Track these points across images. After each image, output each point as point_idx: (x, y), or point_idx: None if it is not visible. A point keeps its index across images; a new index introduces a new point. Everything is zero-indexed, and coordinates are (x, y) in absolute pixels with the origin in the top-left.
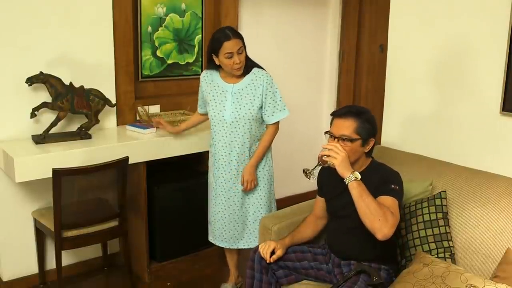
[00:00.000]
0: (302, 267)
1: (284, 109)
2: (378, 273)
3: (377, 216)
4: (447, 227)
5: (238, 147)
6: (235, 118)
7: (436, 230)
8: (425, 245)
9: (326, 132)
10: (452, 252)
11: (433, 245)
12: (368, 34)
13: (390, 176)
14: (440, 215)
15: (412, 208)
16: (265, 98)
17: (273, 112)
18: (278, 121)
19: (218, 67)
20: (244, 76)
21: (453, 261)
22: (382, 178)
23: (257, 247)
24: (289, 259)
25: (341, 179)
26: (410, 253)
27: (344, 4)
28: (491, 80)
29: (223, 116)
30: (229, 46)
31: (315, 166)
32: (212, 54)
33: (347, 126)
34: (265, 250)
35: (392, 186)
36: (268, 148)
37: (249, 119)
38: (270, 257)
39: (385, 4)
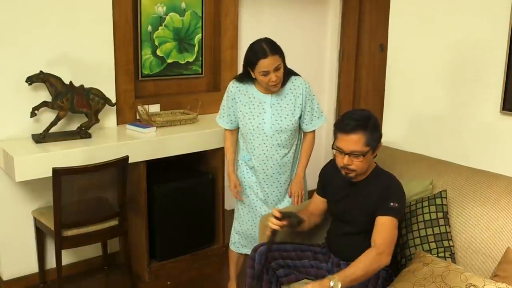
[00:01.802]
0: (302, 266)
1: (322, 116)
2: (295, 215)
3: (371, 269)
4: (447, 227)
5: (280, 158)
6: (276, 130)
7: (436, 229)
8: (425, 245)
9: (333, 147)
10: (452, 252)
11: (433, 245)
12: (368, 34)
13: (391, 191)
14: (440, 214)
15: (412, 208)
16: (305, 106)
17: (312, 120)
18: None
19: (252, 81)
20: (282, 86)
21: (453, 260)
22: (382, 192)
23: (258, 246)
24: (290, 257)
25: (346, 184)
26: (410, 252)
27: (344, 3)
28: (491, 79)
29: (263, 130)
30: (265, 64)
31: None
32: (249, 68)
33: (356, 141)
34: (273, 224)
35: (391, 204)
36: (310, 156)
37: (290, 130)
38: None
39: (385, 3)
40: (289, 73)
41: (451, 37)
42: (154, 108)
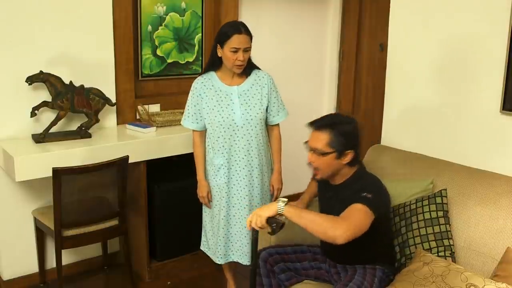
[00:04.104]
0: (302, 268)
1: (284, 108)
2: (276, 220)
3: (327, 224)
4: (447, 226)
5: (254, 151)
6: (247, 119)
7: (437, 228)
8: (425, 243)
9: (305, 142)
10: (453, 251)
11: (433, 244)
12: (368, 33)
13: (366, 186)
14: (440, 213)
15: (412, 207)
16: (270, 97)
17: (278, 111)
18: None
19: (214, 69)
20: (246, 77)
21: (453, 259)
22: (358, 188)
23: (261, 250)
24: (290, 260)
25: (327, 185)
26: (410, 251)
27: (344, 3)
28: (491, 79)
29: (233, 120)
30: (237, 40)
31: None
32: (218, 45)
33: (320, 139)
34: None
35: (364, 194)
36: (281, 151)
37: (260, 119)
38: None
39: (385, 3)
40: (253, 66)
41: (451, 37)
42: (154, 108)
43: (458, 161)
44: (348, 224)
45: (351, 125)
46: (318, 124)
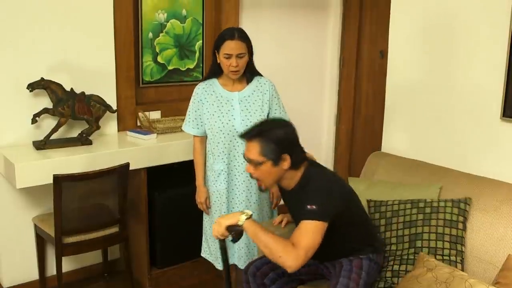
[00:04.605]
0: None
1: (286, 115)
2: (235, 228)
3: (277, 253)
4: (463, 232)
5: None
6: (247, 125)
7: (454, 231)
8: (439, 242)
9: (243, 155)
10: (463, 257)
11: (447, 244)
12: (369, 40)
13: (308, 194)
14: (461, 218)
15: (434, 204)
16: (272, 104)
17: (281, 117)
18: None
19: (216, 75)
20: (247, 83)
21: (463, 266)
22: (303, 198)
23: (248, 266)
24: (278, 266)
25: (285, 192)
26: (422, 244)
27: (344, 10)
28: (491, 86)
29: (233, 126)
30: (229, 46)
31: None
32: (216, 51)
33: (252, 150)
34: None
35: (308, 207)
36: None
37: None
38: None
39: (385, 10)
40: (255, 73)
41: (451, 44)
42: (155, 114)
43: (459, 168)
44: (297, 252)
45: (282, 130)
46: (247, 135)
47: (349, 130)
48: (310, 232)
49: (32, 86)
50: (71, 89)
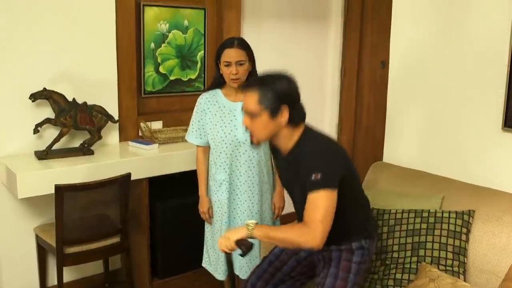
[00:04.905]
0: (291, 268)
1: None
2: (245, 242)
3: (297, 241)
4: (466, 244)
5: (255, 167)
6: (249, 136)
7: (457, 242)
8: (442, 252)
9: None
10: (465, 269)
11: (450, 255)
12: (370, 51)
13: (311, 162)
14: (464, 230)
15: (438, 214)
16: None
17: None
18: None
19: (219, 86)
20: None
21: (465, 278)
22: (305, 166)
23: (249, 278)
24: (276, 268)
25: (280, 156)
26: (425, 253)
27: (345, 20)
28: (492, 96)
29: (235, 136)
30: (229, 54)
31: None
32: (217, 62)
33: (250, 100)
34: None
35: (313, 177)
36: None
37: None
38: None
39: (386, 21)
40: None
41: (451, 54)
42: (157, 125)
43: (460, 178)
44: (314, 229)
45: (284, 82)
46: (248, 85)
47: (351, 140)
48: (322, 204)
49: (34, 96)
50: (73, 99)
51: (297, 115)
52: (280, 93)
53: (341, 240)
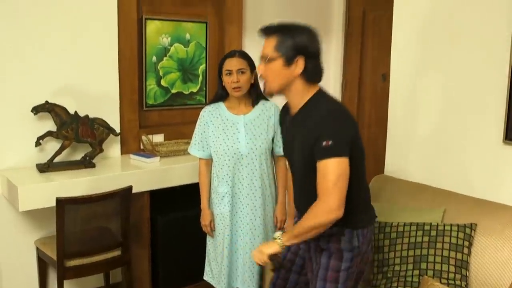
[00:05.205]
0: (301, 266)
1: None
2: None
3: (319, 222)
4: (468, 257)
5: (257, 180)
6: (251, 149)
7: (459, 255)
8: (444, 265)
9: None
10: (467, 283)
11: (452, 268)
12: (370, 64)
13: (320, 127)
14: (466, 243)
15: (440, 227)
16: (277, 128)
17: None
18: None
19: (222, 99)
20: (253, 107)
21: None
22: (314, 130)
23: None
24: (287, 267)
25: (290, 119)
26: (427, 267)
27: (346, 34)
28: (493, 109)
29: (238, 148)
30: (230, 63)
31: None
32: (220, 75)
33: (267, 45)
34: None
35: (324, 143)
36: (286, 183)
37: (265, 149)
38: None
39: (387, 35)
40: (260, 96)
41: (453, 67)
42: (158, 138)
43: (462, 191)
44: (328, 197)
45: (304, 32)
46: (267, 29)
47: None
48: (333, 170)
49: (36, 109)
50: (75, 112)
51: (313, 71)
52: (299, 43)
53: (334, 224)
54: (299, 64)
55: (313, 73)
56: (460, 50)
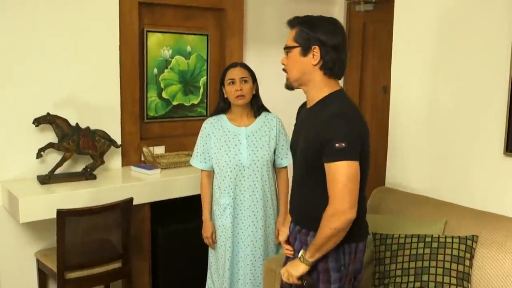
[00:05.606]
0: None
1: None
2: (308, 278)
3: (335, 228)
4: (470, 269)
5: (259, 192)
6: (253, 160)
7: (461, 267)
8: (446, 277)
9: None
10: None
11: (454, 280)
12: (371, 76)
13: (331, 128)
14: (468, 255)
15: (441, 239)
16: (279, 140)
17: (287, 153)
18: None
19: (224, 111)
20: (255, 119)
21: None
22: (324, 130)
23: None
24: None
25: (307, 114)
26: (429, 278)
27: (347, 47)
28: (494, 121)
29: (239, 160)
30: (232, 72)
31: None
32: (222, 86)
33: (289, 36)
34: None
35: (336, 145)
36: (288, 194)
37: (267, 160)
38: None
39: (387, 47)
40: (262, 108)
41: (453, 79)
42: (159, 149)
43: (463, 203)
44: (339, 200)
45: (326, 24)
46: (291, 22)
47: None
48: (343, 172)
49: (38, 121)
50: (76, 124)
51: (332, 63)
52: (316, 33)
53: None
54: (315, 55)
55: (331, 66)
56: (460, 62)
